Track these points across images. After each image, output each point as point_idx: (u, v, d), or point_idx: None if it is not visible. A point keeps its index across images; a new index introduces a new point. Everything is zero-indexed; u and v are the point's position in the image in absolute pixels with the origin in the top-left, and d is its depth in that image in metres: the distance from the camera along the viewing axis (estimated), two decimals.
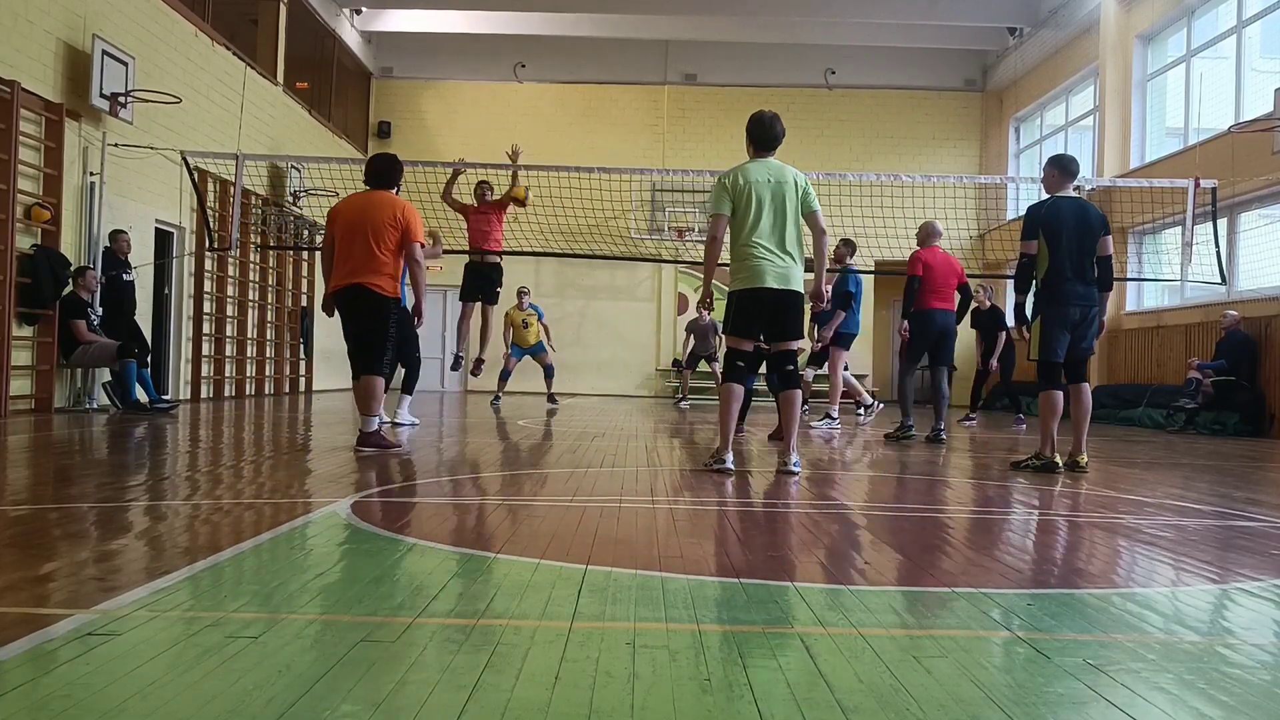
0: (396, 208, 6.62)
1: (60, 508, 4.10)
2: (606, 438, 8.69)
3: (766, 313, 5.87)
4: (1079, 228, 6.43)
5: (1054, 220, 6.43)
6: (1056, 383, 6.54)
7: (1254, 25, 13.58)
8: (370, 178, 6.83)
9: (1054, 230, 6.41)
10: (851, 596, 2.77)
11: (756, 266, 5.78)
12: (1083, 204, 6.66)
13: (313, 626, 2.31)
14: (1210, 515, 4.75)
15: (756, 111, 6.09)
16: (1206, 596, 3.06)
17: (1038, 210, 6.56)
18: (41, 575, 2.78)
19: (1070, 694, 1.99)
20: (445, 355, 21.74)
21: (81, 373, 10.79)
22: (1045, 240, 6.44)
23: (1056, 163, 6.71)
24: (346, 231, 6.58)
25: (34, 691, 1.84)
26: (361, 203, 6.70)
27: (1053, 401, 6.55)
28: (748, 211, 5.81)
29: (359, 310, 6.56)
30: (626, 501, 4.57)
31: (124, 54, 11.09)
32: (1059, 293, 6.42)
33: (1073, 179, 6.73)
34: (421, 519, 4.16)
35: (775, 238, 5.80)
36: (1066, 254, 6.39)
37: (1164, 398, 13.45)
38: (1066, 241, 6.39)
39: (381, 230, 6.52)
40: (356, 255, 6.51)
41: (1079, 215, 6.47)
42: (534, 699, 1.85)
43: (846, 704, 1.86)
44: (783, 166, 5.96)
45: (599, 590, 2.75)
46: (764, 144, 5.98)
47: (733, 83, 21.32)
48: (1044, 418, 6.60)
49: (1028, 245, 6.50)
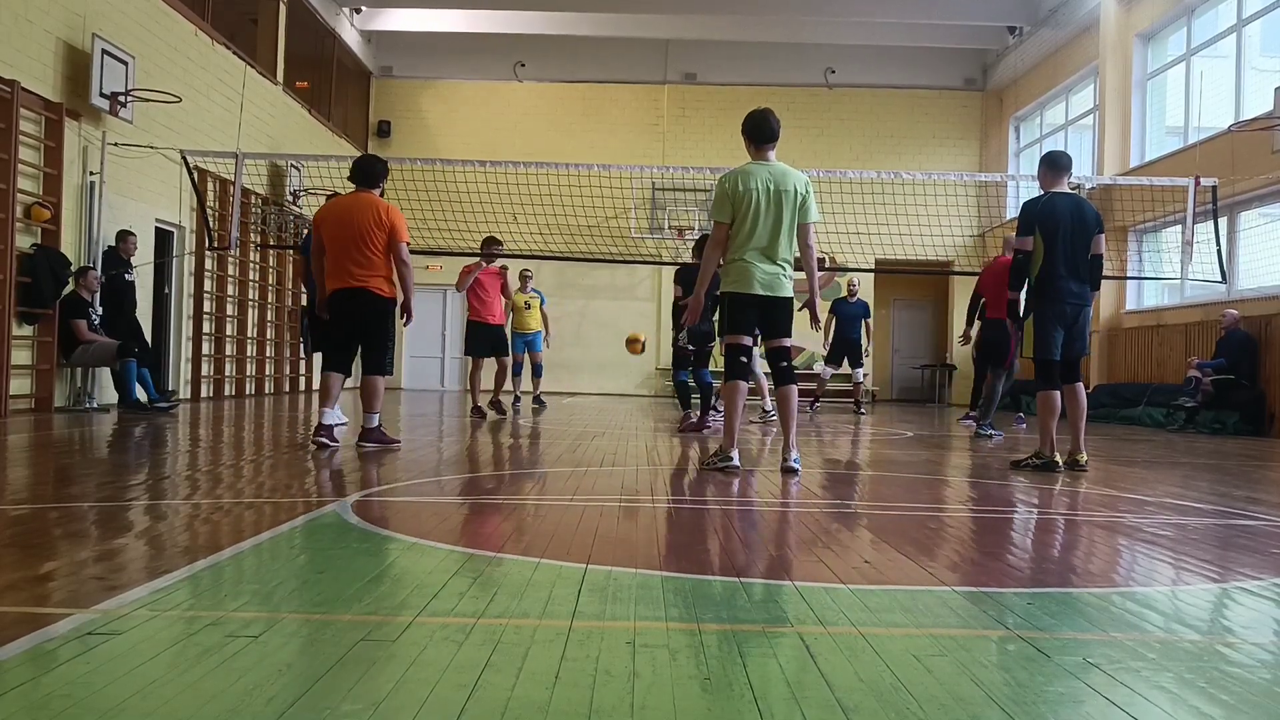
0: (380, 209, 6.74)
1: (60, 507, 4.10)
2: (606, 437, 8.69)
3: (756, 313, 5.89)
4: (1075, 225, 6.36)
5: (1050, 217, 6.36)
6: (1054, 381, 6.48)
7: (1254, 24, 13.57)
8: (355, 178, 6.95)
9: (1050, 227, 6.34)
10: (851, 595, 2.77)
11: (746, 271, 5.77)
12: (1079, 200, 6.59)
13: (313, 625, 2.31)
14: (1210, 514, 4.74)
15: (750, 111, 5.98)
16: (1207, 595, 3.06)
17: (1034, 206, 6.49)
18: (41, 575, 2.78)
19: (1070, 693, 1.99)
20: (446, 355, 21.76)
21: (81, 372, 10.79)
22: (1041, 236, 6.38)
23: (1047, 160, 6.66)
24: (336, 234, 6.71)
25: (34, 691, 1.84)
26: (347, 205, 6.82)
27: (1051, 401, 6.48)
28: (744, 219, 5.73)
29: (361, 313, 6.71)
30: (626, 501, 4.57)
31: (124, 53, 11.09)
32: (1053, 290, 6.36)
33: (1066, 173, 6.63)
34: (421, 518, 4.16)
35: (767, 247, 5.74)
36: (1062, 251, 6.32)
37: (1164, 397, 13.45)
38: (1062, 238, 6.32)
39: (369, 233, 6.65)
40: (351, 258, 6.64)
41: (1075, 212, 6.41)
42: (534, 698, 1.85)
43: (846, 703, 1.86)
44: (786, 171, 5.81)
45: (599, 589, 2.75)
46: (762, 139, 5.85)
47: (733, 82, 21.31)
48: (1042, 417, 6.54)
49: (1023, 241, 6.44)
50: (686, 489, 5.14)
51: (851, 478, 6.41)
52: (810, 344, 21.05)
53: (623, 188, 19.20)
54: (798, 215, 5.77)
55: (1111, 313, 15.82)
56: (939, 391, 21.46)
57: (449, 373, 21.76)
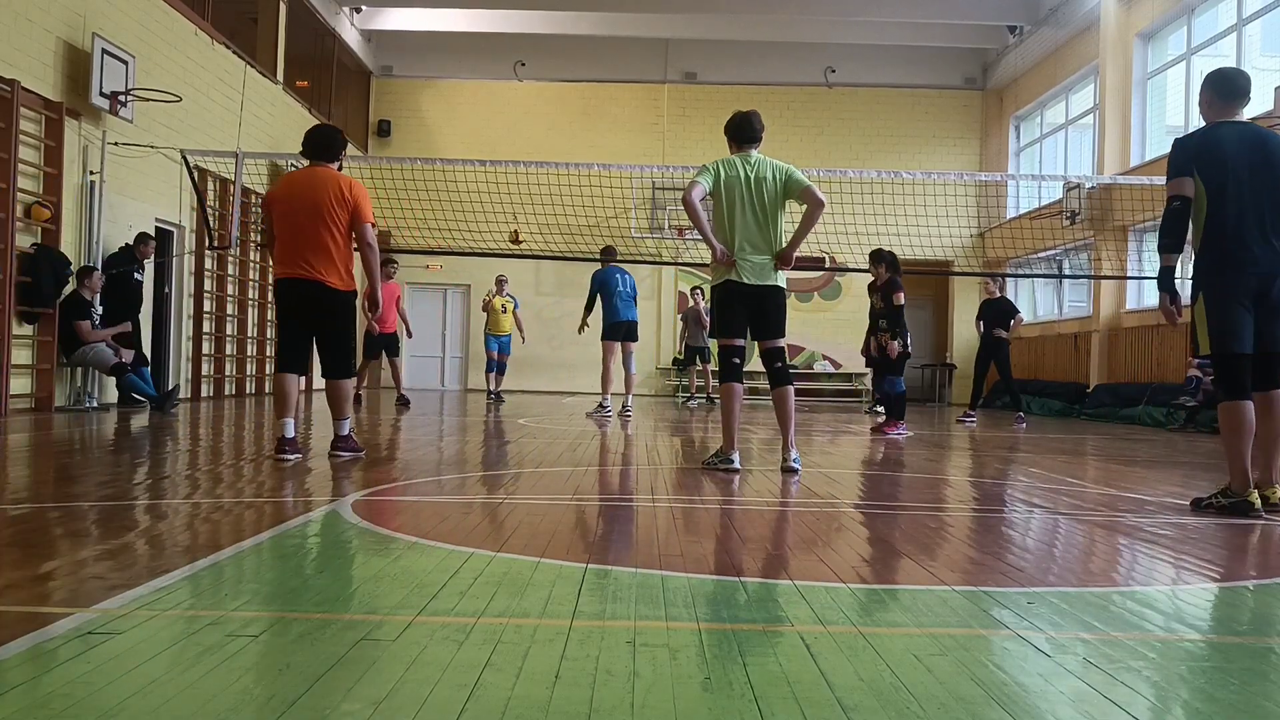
0: (343, 185, 5.93)
1: (60, 506, 4.10)
2: (606, 437, 8.69)
3: (747, 309, 5.80)
4: (1256, 162, 4.58)
5: (1214, 152, 4.61)
6: (1242, 385, 4.58)
7: (1254, 23, 13.57)
8: (309, 151, 6.13)
9: (1216, 165, 4.59)
10: (852, 595, 2.77)
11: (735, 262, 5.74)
12: (1261, 132, 4.74)
13: (313, 625, 2.31)
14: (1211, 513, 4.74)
15: (735, 111, 6.01)
16: (1207, 595, 3.06)
17: (1188, 140, 4.77)
18: (41, 574, 2.78)
19: (1071, 692, 1.98)
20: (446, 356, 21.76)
21: (82, 372, 10.79)
22: (1202, 180, 4.63)
23: (1214, 81, 4.80)
24: (288, 213, 5.90)
25: (34, 690, 1.84)
26: (303, 181, 5.98)
27: (1239, 415, 4.56)
28: (726, 205, 5.74)
29: (315, 310, 5.98)
30: (627, 500, 4.57)
31: (124, 52, 11.09)
32: (1228, 254, 4.61)
33: (1241, 100, 4.76)
34: (421, 517, 4.16)
35: (752, 235, 5.72)
36: (1234, 199, 4.56)
37: (1164, 396, 13.45)
38: (1235, 181, 4.57)
39: (328, 211, 5.84)
40: (304, 243, 5.86)
41: (1257, 145, 4.61)
42: (534, 697, 1.84)
43: (847, 702, 1.86)
44: (761, 160, 5.85)
45: (599, 589, 2.75)
46: (742, 139, 5.91)
47: (733, 81, 21.31)
48: (1228, 439, 4.62)
49: (1177, 184, 4.66)
50: (687, 488, 5.14)
51: (852, 477, 6.41)
52: (810, 344, 21.15)
53: (623, 187, 19.21)
54: (783, 192, 5.77)
55: (1111, 312, 15.83)
56: (939, 391, 21.46)
57: (449, 373, 21.76)
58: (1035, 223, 17.69)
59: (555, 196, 14.81)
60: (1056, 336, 18.08)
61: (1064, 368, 17.54)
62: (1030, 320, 18.50)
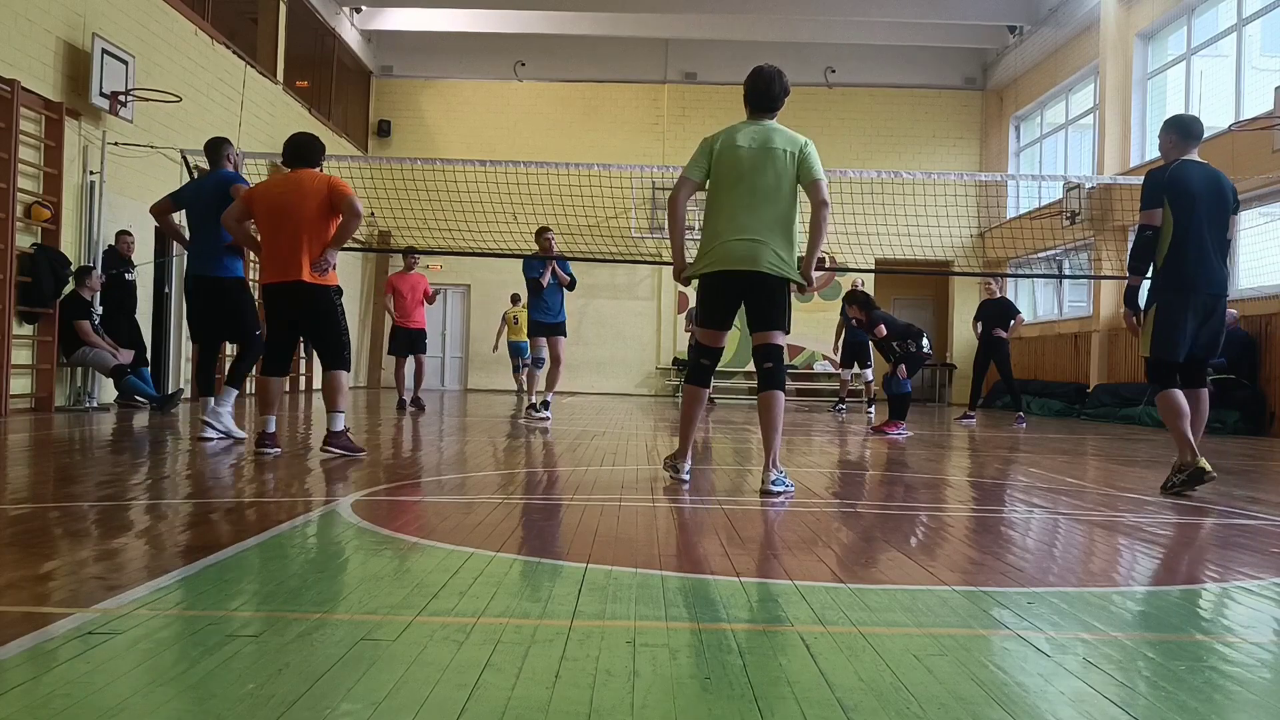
0: (322, 191, 6.13)
1: (60, 506, 4.10)
2: (606, 436, 8.69)
3: (734, 297, 5.02)
4: (1212, 198, 5.33)
5: (1184, 184, 5.32)
6: (1172, 379, 5.41)
7: (1254, 23, 13.58)
8: (290, 158, 6.31)
9: (1184, 200, 5.30)
10: (852, 595, 2.76)
11: (723, 248, 4.93)
12: (1216, 173, 5.50)
13: (312, 625, 2.31)
14: (1211, 513, 4.74)
15: (752, 70, 5.18)
16: (1207, 595, 3.06)
17: (1160, 174, 5.43)
18: (41, 574, 2.78)
19: (1071, 692, 1.98)
20: (446, 356, 21.76)
21: (82, 372, 10.79)
22: (1171, 210, 5.34)
23: (1175, 125, 5.54)
24: (271, 217, 6.14)
25: (34, 690, 1.83)
26: (287, 188, 6.18)
27: (1174, 401, 5.36)
28: (723, 182, 4.97)
29: (303, 310, 6.21)
30: (626, 500, 4.57)
31: (124, 53, 11.09)
32: (1187, 276, 5.30)
33: (1195, 142, 5.51)
34: (421, 517, 4.16)
35: (750, 215, 4.89)
36: (1196, 229, 5.29)
37: None
38: (1199, 213, 5.29)
39: (313, 222, 6.09)
40: (288, 247, 6.09)
41: (1212, 184, 5.37)
42: (534, 697, 1.84)
43: (847, 702, 1.86)
44: (774, 131, 5.01)
45: (599, 589, 2.75)
46: (757, 104, 5.09)
47: (733, 81, 21.19)
48: (1169, 422, 5.41)
49: (1149, 215, 5.37)
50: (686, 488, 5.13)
51: (852, 477, 6.41)
52: (810, 344, 21.14)
53: (623, 187, 19.22)
54: (800, 174, 4.98)
55: (1111, 312, 15.83)
56: (939, 391, 21.46)
57: (449, 372, 21.77)
58: (1035, 223, 17.69)
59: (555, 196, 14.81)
60: (1056, 336, 18.09)
61: (1064, 368, 17.54)
62: (1030, 320, 18.51)
